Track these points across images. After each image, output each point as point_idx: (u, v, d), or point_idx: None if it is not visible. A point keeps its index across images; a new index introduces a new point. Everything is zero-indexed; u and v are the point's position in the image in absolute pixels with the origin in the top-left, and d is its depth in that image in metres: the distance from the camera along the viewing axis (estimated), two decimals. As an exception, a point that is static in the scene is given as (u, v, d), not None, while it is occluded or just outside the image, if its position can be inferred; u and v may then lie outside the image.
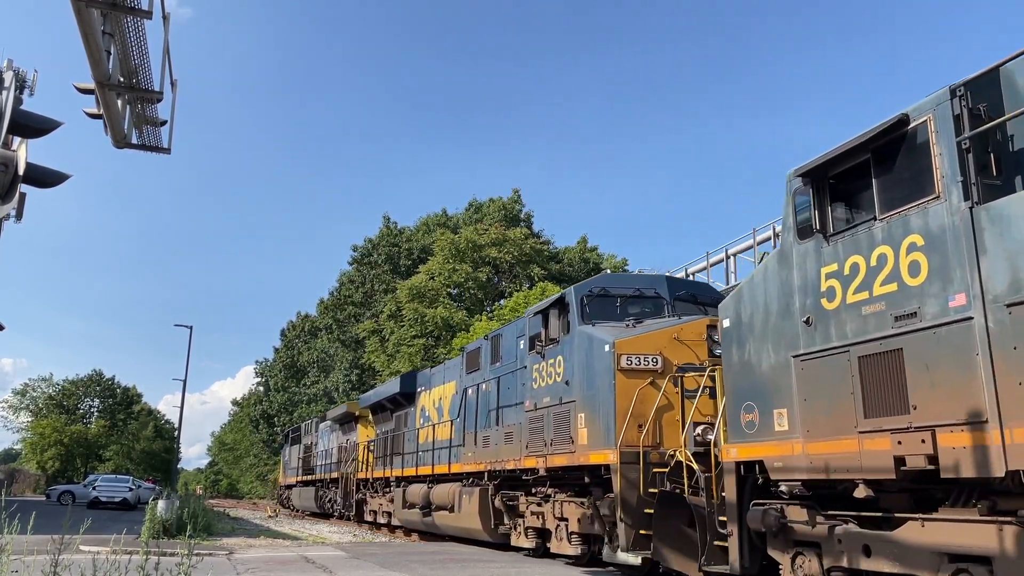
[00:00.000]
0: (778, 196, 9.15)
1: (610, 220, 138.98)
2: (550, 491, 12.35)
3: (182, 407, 41.44)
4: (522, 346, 13.51)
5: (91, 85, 5.40)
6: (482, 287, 41.62)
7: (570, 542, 11.70)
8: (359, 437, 26.65)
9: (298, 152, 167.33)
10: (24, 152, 5.60)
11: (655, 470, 9.55)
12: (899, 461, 5.71)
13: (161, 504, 16.84)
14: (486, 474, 14.56)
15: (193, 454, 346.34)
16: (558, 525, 12.17)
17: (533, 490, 13.01)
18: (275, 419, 62.97)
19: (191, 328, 39.14)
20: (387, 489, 22.17)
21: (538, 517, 12.84)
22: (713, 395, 9.18)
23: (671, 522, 8.75)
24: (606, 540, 10.53)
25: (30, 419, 77.57)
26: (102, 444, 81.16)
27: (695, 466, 8.80)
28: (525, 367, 13.20)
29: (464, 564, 12.17)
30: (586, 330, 11.27)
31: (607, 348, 10.41)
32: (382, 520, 23.01)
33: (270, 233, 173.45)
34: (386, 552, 14.58)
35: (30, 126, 5.69)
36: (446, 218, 49.95)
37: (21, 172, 5.52)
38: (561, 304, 12.13)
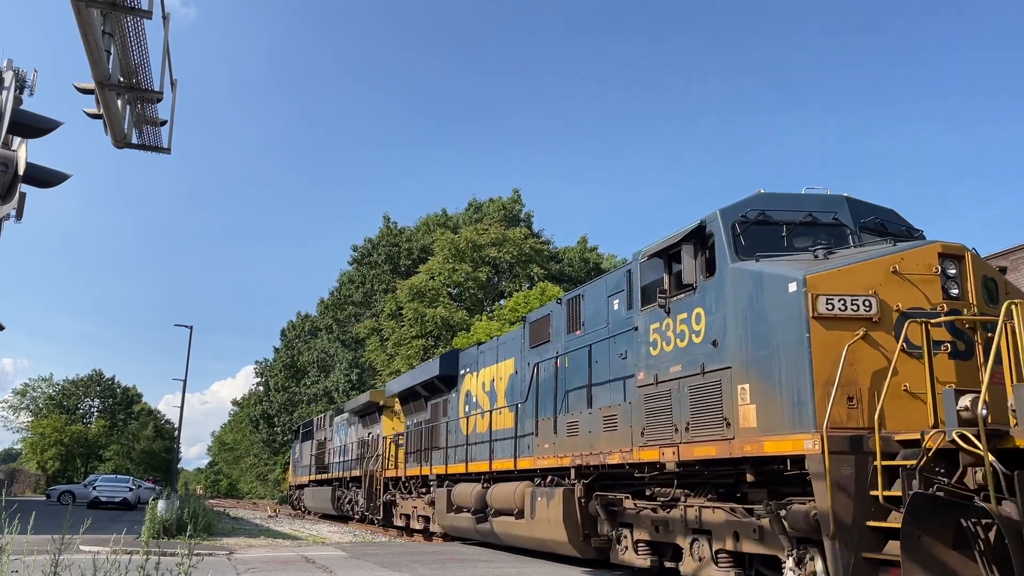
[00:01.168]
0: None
1: (610, 220, 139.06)
2: (678, 493, 9.47)
3: (182, 407, 41.49)
4: (616, 306, 10.85)
5: (91, 85, 5.40)
6: (482, 287, 41.64)
7: (716, 563, 8.64)
8: (384, 430, 24.21)
9: (298, 152, 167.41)
10: (24, 152, 5.61)
11: (880, 463, 6.50)
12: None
13: (161, 504, 16.84)
14: (572, 471, 11.60)
15: (193, 454, 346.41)
16: (694, 540, 9.06)
17: (648, 491, 10.22)
18: (275, 419, 62.97)
19: (191, 328, 39.19)
20: (423, 489, 19.21)
21: (658, 528, 9.75)
22: (957, 355, 7.04)
23: (929, 542, 5.86)
24: (789, 564, 7.47)
25: (30, 419, 77.66)
26: (102, 444, 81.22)
27: (986, 456, 5.61)
28: (629, 330, 10.30)
29: (464, 564, 12.17)
30: (747, 267, 8.27)
31: (793, 288, 7.45)
32: (417, 525, 19.84)
33: (270, 233, 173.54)
34: (386, 552, 14.58)
35: (30, 126, 5.70)
36: (446, 218, 49.97)
37: (21, 172, 5.53)
38: (699, 237, 9.01)
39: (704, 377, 8.62)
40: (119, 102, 5.76)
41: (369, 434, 25.84)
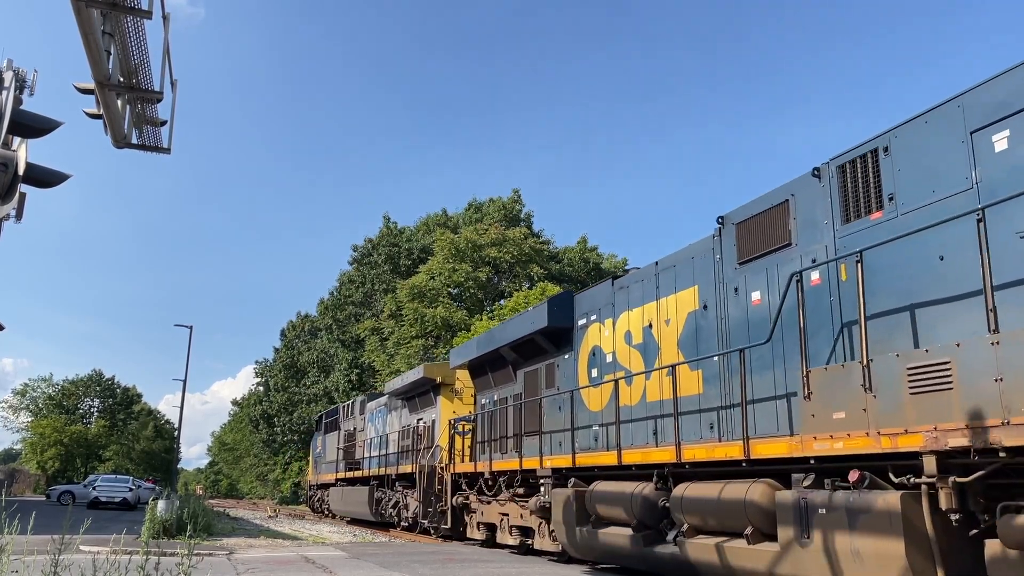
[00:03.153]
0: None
1: (610, 220, 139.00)
2: None
3: (182, 407, 41.46)
4: (1007, 144, 6.04)
5: (91, 85, 5.39)
6: (482, 287, 41.66)
7: None
8: (441, 413, 19.67)
9: (298, 152, 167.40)
10: (24, 152, 5.61)
11: None
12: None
13: (161, 504, 16.83)
14: (929, 458, 5.91)
15: (193, 454, 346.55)
16: None
17: None
18: (275, 419, 63.02)
19: (191, 328, 39.13)
20: (518, 490, 13.87)
21: None
22: None
23: None
24: None
25: (30, 419, 77.62)
26: (102, 444, 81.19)
27: None
28: None
29: (464, 563, 12.16)
30: None
31: None
32: (508, 539, 14.53)
33: (270, 233, 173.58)
34: (386, 552, 14.58)
35: (30, 126, 5.69)
36: (446, 218, 50.00)
37: (21, 172, 5.53)
38: None
39: None
40: (119, 102, 5.75)
41: (419, 420, 21.33)
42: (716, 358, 9.22)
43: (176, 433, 57.03)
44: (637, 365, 10.95)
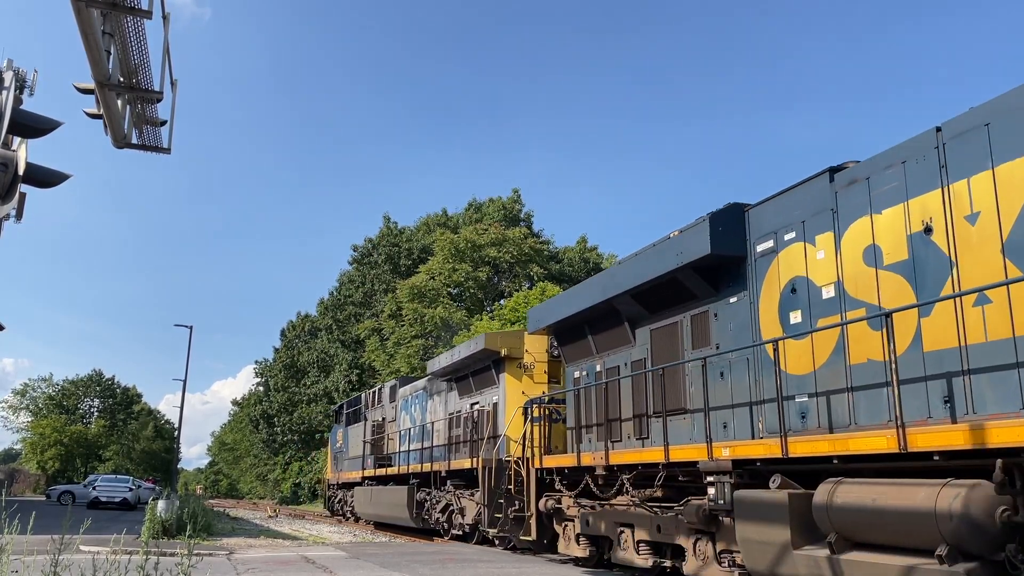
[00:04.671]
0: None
1: (610, 220, 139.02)
2: None
3: (182, 407, 41.43)
4: None
5: (91, 85, 5.40)
6: (482, 287, 41.69)
7: None
8: (507, 394, 15.83)
9: (298, 152, 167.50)
10: (24, 152, 5.61)
11: None
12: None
13: (161, 504, 16.84)
14: None
15: (193, 454, 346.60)
16: None
17: None
18: (275, 419, 63.08)
19: (191, 328, 39.11)
20: (654, 492, 9.81)
21: None
22: None
23: None
24: None
25: (30, 419, 77.66)
26: (102, 444, 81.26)
27: None
28: None
29: (464, 563, 12.15)
30: None
31: None
32: (639, 560, 10.27)
33: (270, 233, 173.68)
34: (386, 552, 14.57)
35: (30, 126, 5.69)
36: (446, 218, 50.06)
37: (21, 172, 5.53)
38: None
39: None
40: (119, 102, 5.76)
41: (474, 405, 17.49)
42: None
43: (176, 433, 57.10)
44: (893, 296, 7.00)
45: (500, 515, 14.34)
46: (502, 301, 40.36)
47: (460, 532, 17.62)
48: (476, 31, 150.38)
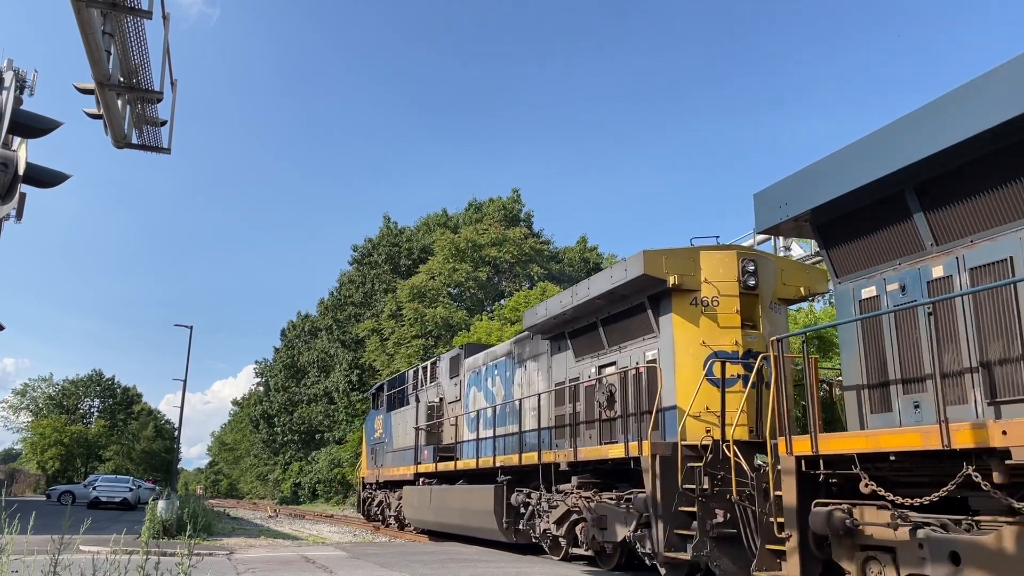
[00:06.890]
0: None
1: (610, 220, 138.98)
2: None
3: (182, 407, 41.43)
4: None
5: (91, 85, 5.40)
6: (482, 287, 41.70)
7: None
8: (676, 344, 10.37)
9: (299, 152, 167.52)
10: (24, 152, 5.61)
11: None
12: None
13: (161, 504, 16.83)
14: None
15: (193, 454, 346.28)
16: None
17: None
18: (275, 419, 63.08)
19: (191, 328, 39.14)
20: None
21: None
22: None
23: None
24: None
25: (30, 419, 77.68)
26: (102, 444, 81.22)
27: None
28: None
29: (464, 563, 12.14)
30: None
31: None
32: None
33: (270, 233, 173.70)
34: (386, 552, 14.57)
35: (30, 126, 5.70)
36: (446, 218, 50.05)
37: (21, 172, 5.53)
38: None
39: None
40: (119, 102, 5.76)
41: (606, 368, 12.02)
42: None
43: (176, 433, 57.10)
44: None
45: (685, 531, 9.34)
46: (502, 301, 40.36)
47: (590, 551, 11.83)
48: (477, 32, 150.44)
